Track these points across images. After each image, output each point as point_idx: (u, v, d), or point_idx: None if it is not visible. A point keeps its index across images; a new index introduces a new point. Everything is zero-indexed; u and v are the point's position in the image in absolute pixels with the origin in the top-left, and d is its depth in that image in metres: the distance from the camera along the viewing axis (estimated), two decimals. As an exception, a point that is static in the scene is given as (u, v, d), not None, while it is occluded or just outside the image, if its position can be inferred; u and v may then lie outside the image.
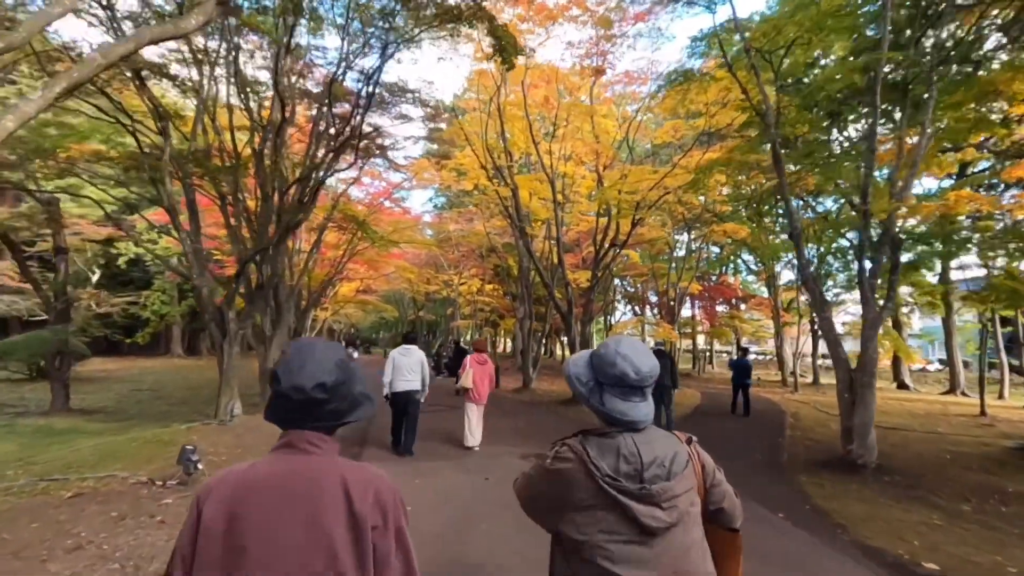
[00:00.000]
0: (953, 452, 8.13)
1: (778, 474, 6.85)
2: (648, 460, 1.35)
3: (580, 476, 1.35)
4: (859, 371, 7.01)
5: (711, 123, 12.92)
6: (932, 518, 5.05)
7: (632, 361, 1.42)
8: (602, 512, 1.32)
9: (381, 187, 24.41)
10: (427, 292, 37.63)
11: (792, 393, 17.73)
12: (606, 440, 1.39)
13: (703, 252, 23.70)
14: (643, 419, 1.42)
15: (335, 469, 1.15)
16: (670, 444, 1.44)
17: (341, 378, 1.18)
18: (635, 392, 1.42)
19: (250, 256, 9.44)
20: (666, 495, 1.33)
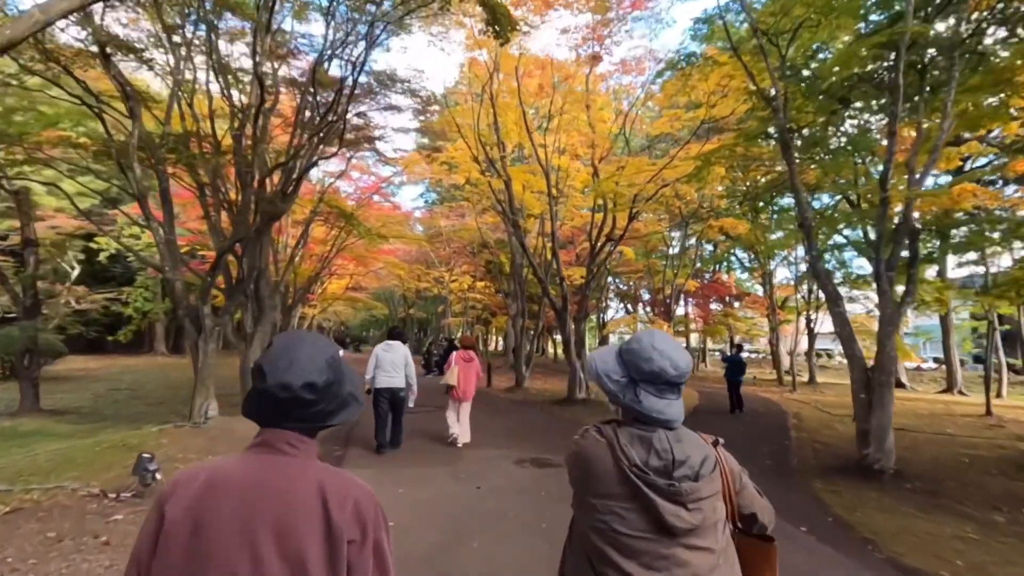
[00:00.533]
0: (969, 455, 7.73)
1: (790, 480, 6.41)
2: (680, 459, 1.29)
3: (606, 462, 1.31)
4: (876, 370, 6.58)
5: (711, 114, 12.48)
6: (966, 531, 4.62)
7: (671, 357, 1.36)
8: (623, 503, 1.27)
9: (370, 182, 23.81)
10: (418, 289, 37.12)
11: (791, 392, 17.38)
12: (640, 432, 1.33)
13: (698, 249, 23.31)
14: (677, 417, 1.36)
15: (313, 474, 1.06)
16: (699, 445, 1.38)
17: (332, 378, 1.10)
18: (671, 389, 1.37)
19: (227, 246, 8.87)
20: (693, 496, 1.26)
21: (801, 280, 22.74)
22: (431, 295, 35.90)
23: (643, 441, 1.31)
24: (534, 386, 17.14)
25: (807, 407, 13.41)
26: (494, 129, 13.77)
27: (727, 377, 12.43)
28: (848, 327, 7.02)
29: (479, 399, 14.22)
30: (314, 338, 1.16)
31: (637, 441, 1.31)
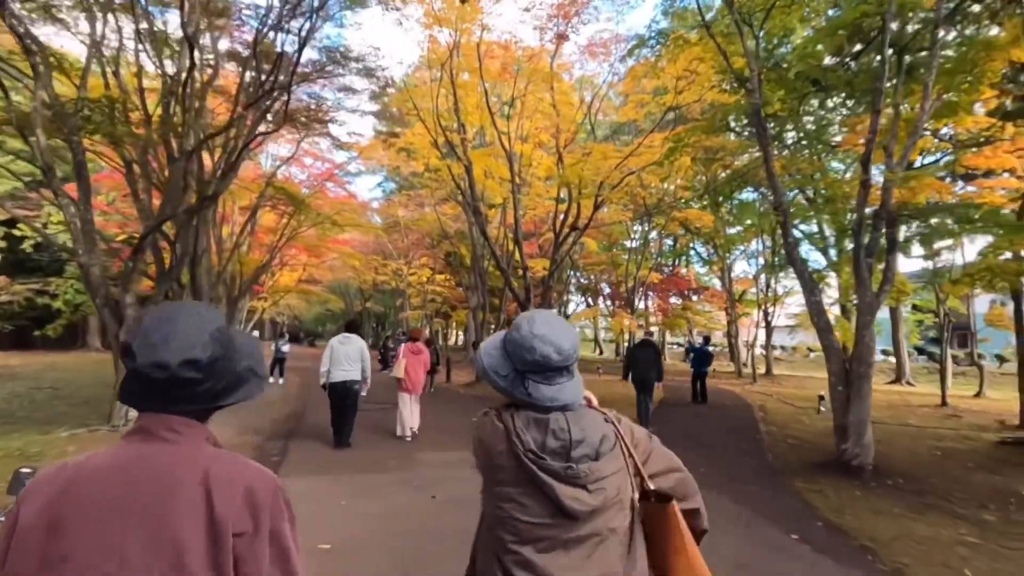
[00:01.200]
0: (941, 448, 7.59)
1: (770, 480, 6.03)
2: (578, 438, 1.21)
3: (502, 449, 1.23)
4: (855, 361, 6.27)
5: (677, 100, 12.12)
6: (963, 534, 4.29)
7: (553, 342, 1.26)
8: (521, 490, 1.20)
9: (325, 169, 22.64)
10: (375, 282, 35.98)
11: (751, 384, 17.38)
12: (536, 415, 1.24)
13: (660, 242, 23.20)
14: (573, 400, 1.27)
15: (198, 462, 0.93)
16: (599, 422, 1.30)
17: (218, 353, 0.97)
18: (561, 373, 1.27)
19: (151, 227, 7.87)
20: (594, 476, 1.19)
21: (760, 273, 22.98)
22: (389, 288, 34.88)
23: (539, 424, 1.24)
24: (495, 381, 16.55)
25: (770, 399, 13.31)
26: (454, 111, 13.04)
27: (693, 368, 12.56)
28: (824, 317, 6.71)
29: (437, 396, 13.60)
30: (195, 308, 1.03)
31: (533, 424, 1.24)
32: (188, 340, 0.95)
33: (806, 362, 31.43)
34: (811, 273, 7.01)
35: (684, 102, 12.12)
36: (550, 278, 13.35)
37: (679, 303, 28.60)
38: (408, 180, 25.14)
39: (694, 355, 12.76)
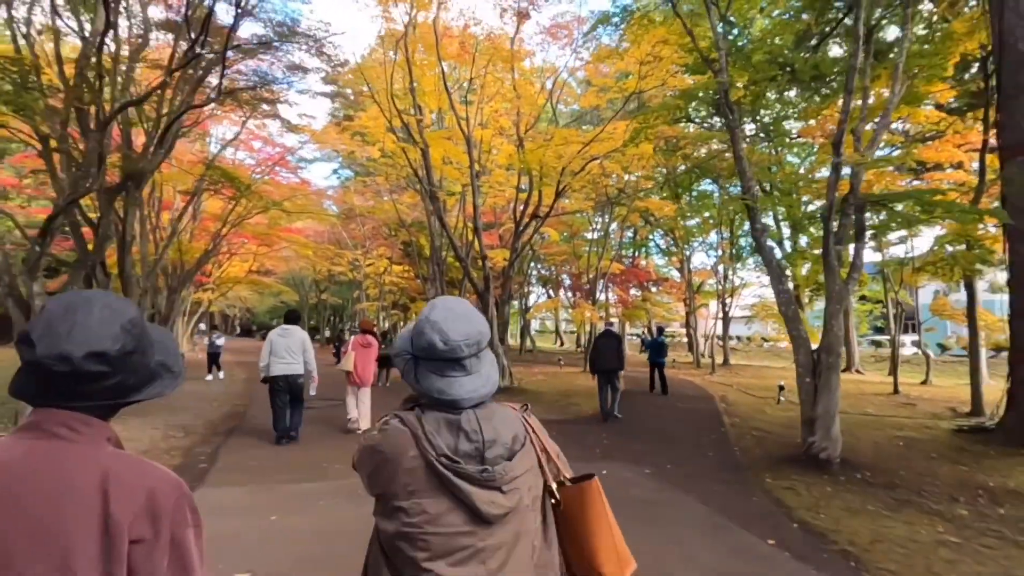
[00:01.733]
0: (903, 438, 7.54)
1: (738, 476, 5.76)
2: (491, 438, 1.15)
3: (412, 455, 1.12)
4: (823, 352, 6.07)
5: (640, 85, 11.81)
6: (941, 532, 4.08)
7: (441, 328, 1.17)
8: (431, 498, 1.10)
9: (275, 154, 21.48)
10: (330, 273, 34.80)
11: (710, 375, 17.43)
12: (447, 415, 1.16)
13: (621, 233, 23.09)
14: (466, 397, 1.17)
15: (96, 463, 0.87)
16: (510, 419, 1.24)
17: (130, 346, 0.91)
18: (452, 366, 1.18)
19: (62, 206, 7.00)
20: (508, 476, 1.14)
21: (718, 264, 23.21)
22: (346, 279, 33.81)
23: (451, 426, 1.15)
24: (454, 374, 16.05)
25: (731, 390, 13.28)
26: (410, 92, 12.38)
27: (650, 360, 12.65)
28: (793, 306, 6.49)
29: (392, 390, 13.01)
30: (106, 298, 0.94)
31: (444, 426, 1.15)
32: (96, 331, 0.89)
33: (761, 352, 32.13)
34: (778, 261, 6.77)
35: (647, 87, 11.83)
36: (510, 268, 12.91)
37: (638, 295, 28.72)
38: (364, 166, 24.15)
39: (649, 348, 12.73)
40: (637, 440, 7.36)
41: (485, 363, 1.24)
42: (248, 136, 20.69)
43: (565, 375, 17.01)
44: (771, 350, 32.04)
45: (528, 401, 5.98)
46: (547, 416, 9.24)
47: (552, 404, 10.58)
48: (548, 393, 12.14)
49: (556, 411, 9.83)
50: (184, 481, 0.94)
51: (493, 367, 1.27)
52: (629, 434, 7.78)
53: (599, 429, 8.15)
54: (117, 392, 0.92)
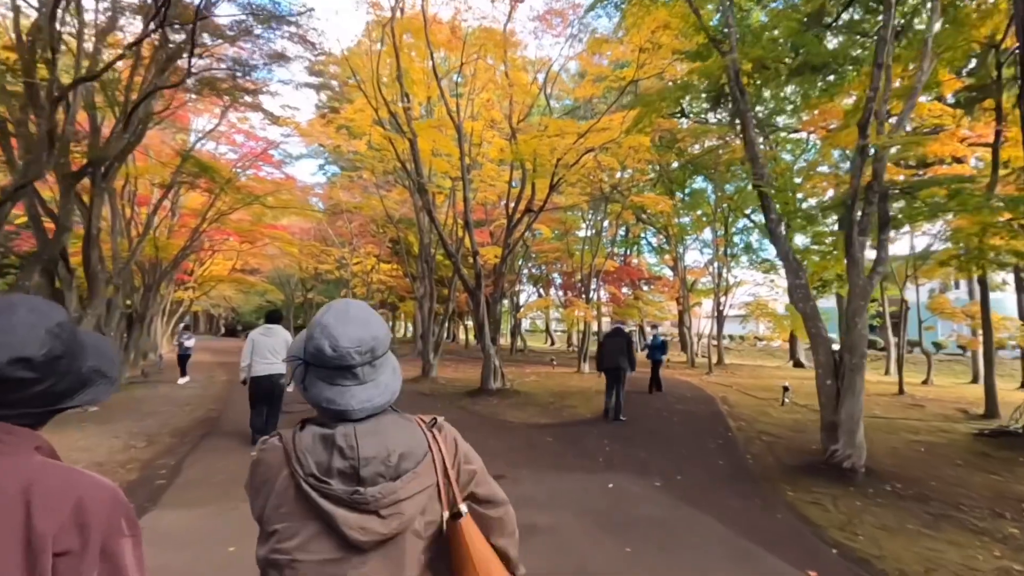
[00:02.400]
0: (921, 443, 7.10)
1: (755, 488, 5.25)
2: (369, 455, 1.01)
3: (282, 475, 1.01)
4: (847, 352, 5.58)
5: (639, 74, 11.31)
6: (998, 556, 3.60)
7: (331, 333, 1.05)
8: (302, 522, 0.99)
9: (259, 148, 20.75)
10: (316, 271, 34.05)
11: (707, 375, 16.99)
12: (322, 430, 1.04)
13: (617, 227, 22.65)
14: (357, 408, 1.05)
15: (19, 472, 0.83)
16: (404, 433, 1.09)
17: (58, 350, 0.88)
18: (342, 373, 1.05)
19: (9, 192, 6.33)
20: (389, 499, 1.00)
21: (712, 261, 22.84)
22: (333, 278, 33.09)
23: (325, 441, 1.02)
24: (444, 375, 15.47)
25: (730, 391, 12.83)
26: (397, 80, 11.77)
27: (649, 358, 12.42)
28: (812, 302, 6.00)
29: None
30: (31, 302, 0.91)
31: (320, 442, 1.03)
32: (20, 336, 0.85)
33: (754, 351, 31.85)
34: (795, 254, 6.29)
35: (645, 75, 11.33)
36: (502, 264, 12.36)
37: (630, 293, 28.32)
38: (350, 161, 23.48)
39: (648, 347, 12.49)
40: (640, 446, 6.84)
41: (383, 371, 1.12)
42: (230, 130, 20.01)
43: (558, 375, 16.49)
44: (764, 349, 31.77)
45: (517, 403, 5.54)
46: (542, 420, 8.72)
47: (546, 406, 10.05)
48: (542, 395, 11.60)
49: (551, 414, 9.30)
50: (120, 489, 0.90)
51: (394, 376, 1.14)
52: (631, 439, 7.26)
53: (598, 433, 7.63)
54: (45, 399, 0.90)
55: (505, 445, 6.79)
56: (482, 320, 11.63)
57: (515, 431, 7.83)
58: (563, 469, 5.66)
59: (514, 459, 6.03)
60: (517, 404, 10.25)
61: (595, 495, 4.81)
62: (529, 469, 5.64)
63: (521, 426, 8.21)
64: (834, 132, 10.92)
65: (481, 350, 11.95)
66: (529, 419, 8.78)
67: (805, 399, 11.21)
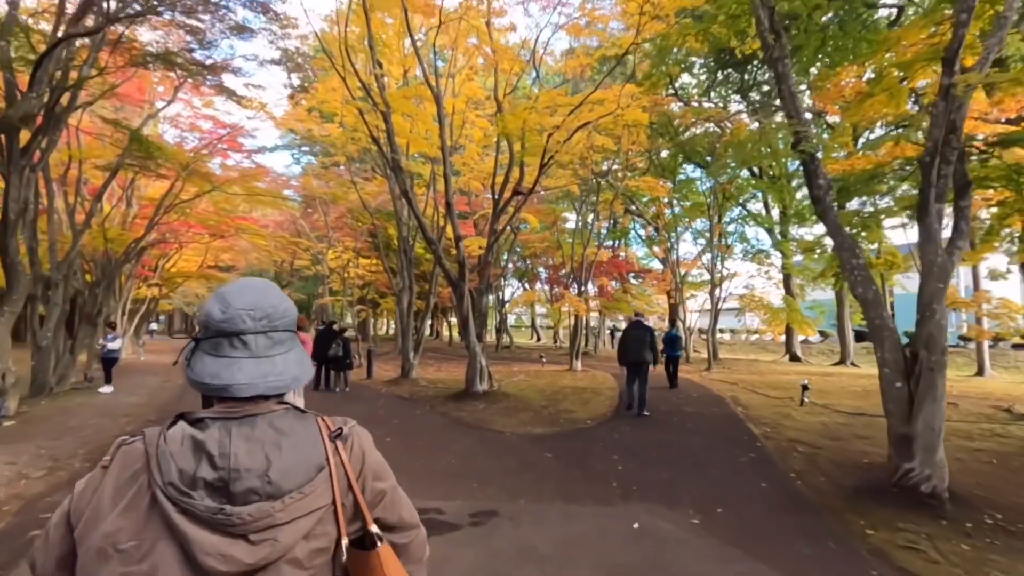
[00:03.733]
0: (983, 451, 6.06)
1: (819, 523, 4.11)
2: (244, 465, 0.83)
3: (138, 484, 0.82)
4: (922, 346, 4.47)
5: (637, 39, 10.15)
6: None
7: (224, 297, 0.92)
8: (153, 543, 0.79)
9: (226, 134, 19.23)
10: (293, 266, 32.55)
11: (706, 371, 15.96)
12: (195, 431, 0.86)
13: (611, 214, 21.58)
14: (244, 383, 0.88)
15: None
16: (296, 441, 0.90)
17: None
18: (231, 341, 0.90)
19: None
20: (263, 521, 0.82)
21: (705, 251, 21.90)
22: (311, 274, 31.60)
23: (195, 445, 0.84)
24: (425, 375, 14.22)
25: (738, 389, 11.77)
26: (368, 44, 10.44)
27: (665, 353, 11.85)
28: (873, 287, 4.87)
29: (350, 397, 11.17)
30: None
31: (189, 445, 0.84)
32: None
33: (746, 345, 31.07)
34: (848, 234, 5.15)
35: (646, 37, 10.16)
36: (488, 253, 11.12)
37: (619, 286, 27.33)
38: (324, 148, 22.04)
39: (664, 340, 11.73)
40: (659, 462, 5.69)
41: (284, 350, 0.95)
42: (195, 116, 18.53)
43: (548, 374, 15.33)
44: (757, 343, 31.01)
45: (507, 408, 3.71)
46: (537, 429, 7.53)
47: (540, 412, 8.86)
48: (533, 397, 10.42)
49: (546, 421, 8.11)
50: None
51: (299, 362, 0.96)
52: (646, 452, 6.11)
53: (605, 445, 6.47)
54: None
55: (497, 464, 5.59)
56: (466, 315, 10.40)
57: (507, 445, 6.62)
58: (571, 499, 4.48)
59: (509, 485, 4.84)
60: (507, 409, 9.05)
61: (617, 541, 3.63)
62: (528, 499, 4.45)
63: (513, 438, 7.01)
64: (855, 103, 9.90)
65: (466, 348, 10.73)
66: (522, 428, 7.58)
67: (821, 397, 10.20)
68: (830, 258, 15.75)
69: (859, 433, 7.12)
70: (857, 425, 7.71)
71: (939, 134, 4.37)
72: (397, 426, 7.75)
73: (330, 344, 11.47)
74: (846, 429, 7.41)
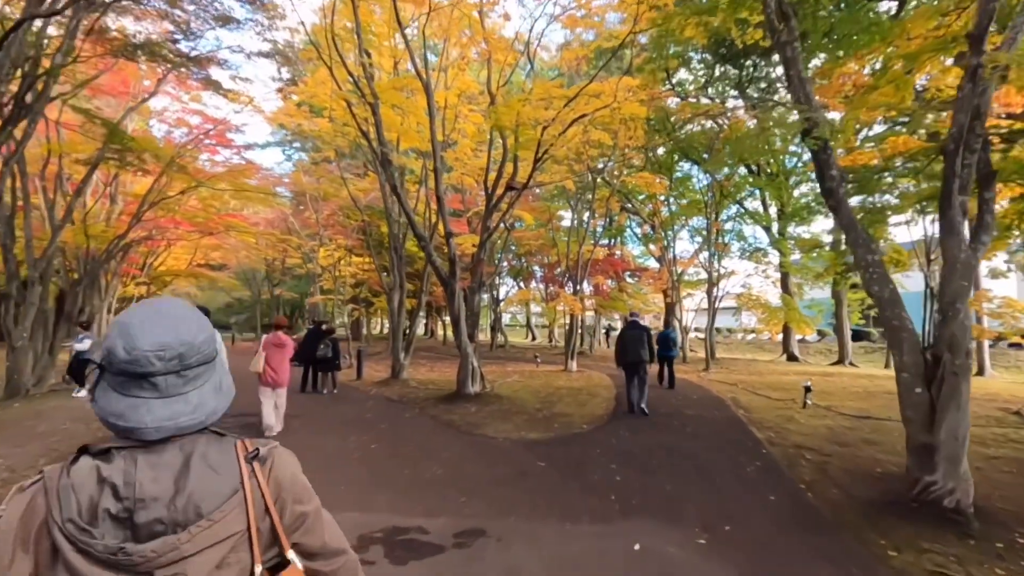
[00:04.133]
0: (1004, 460, 5.74)
1: (837, 543, 3.77)
2: (151, 494, 0.79)
3: (38, 524, 0.78)
4: (945, 348, 4.14)
5: (635, 29, 9.81)
6: None
7: (128, 331, 0.84)
8: None
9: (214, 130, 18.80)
10: (284, 265, 32.14)
11: (704, 372, 15.66)
12: (100, 461, 0.82)
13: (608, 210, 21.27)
14: (153, 427, 0.82)
15: None
16: (208, 465, 0.85)
17: None
18: (138, 382, 0.84)
19: None
20: (165, 557, 0.76)
21: (702, 249, 21.62)
22: (302, 273, 31.15)
23: (100, 475, 0.79)
24: (417, 376, 13.86)
25: (737, 390, 11.46)
26: (355, 33, 10.06)
27: (659, 353, 11.45)
28: (890, 285, 4.54)
29: (338, 398, 10.80)
30: None
31: (94, 476, 0.79)
32: None
33: (743, 345, 30.83)
34: (863, 226, 4.82)
35: (643, 29, 9.82)
36: (481, 250, 10.74)
37: (615, 285, 27.03)
38: (315, 144, 21.63)
39: (658, 340, 11.38)
40: (660, 472, 5.35)
41: (199, 386, 0.88)
42: (184, 111, 18.15)
43: (543, 374, 15.00)
44: (754, 342, 30.77)
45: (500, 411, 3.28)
46: (531, 434, 7.17)
47: (534, 415, 8.51)
48: (528, 399, 10.07)
49: (541, 425, 7.76)
50: None
51: (216, 394, 0.90)
52: (646, 460, 5.77)
53: (603, 452, 6.12)
54: None
55: (486, 475, 5.23)
56: (457, 314, 10.03)
57: (499, 452, 6.27)
58: (566, 516, 4.12)
59: (499, 499, 4.48)
60: (499, 413, 8.69)
61: (616, 565, 3.29)
62: (519, 516, 4.09)
63: (506, 444, 6.65)
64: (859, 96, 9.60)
65: (457, 348, 10.36)
66: (515, 433, 7.23)
67: (823, 399, 9.89)
68: (831, 256, 15.51)
69: (867, 438, 6.80)
70: (864, 429, 7.40)
71: (964, 119, 4.03)
72: (384, 431, 7.38)
73: (318, 344, 11.09)
74: (853, 433, 7.09)
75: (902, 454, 5.72)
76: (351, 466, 5.51)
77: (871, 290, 4.58)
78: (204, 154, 19.36)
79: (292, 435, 7.06)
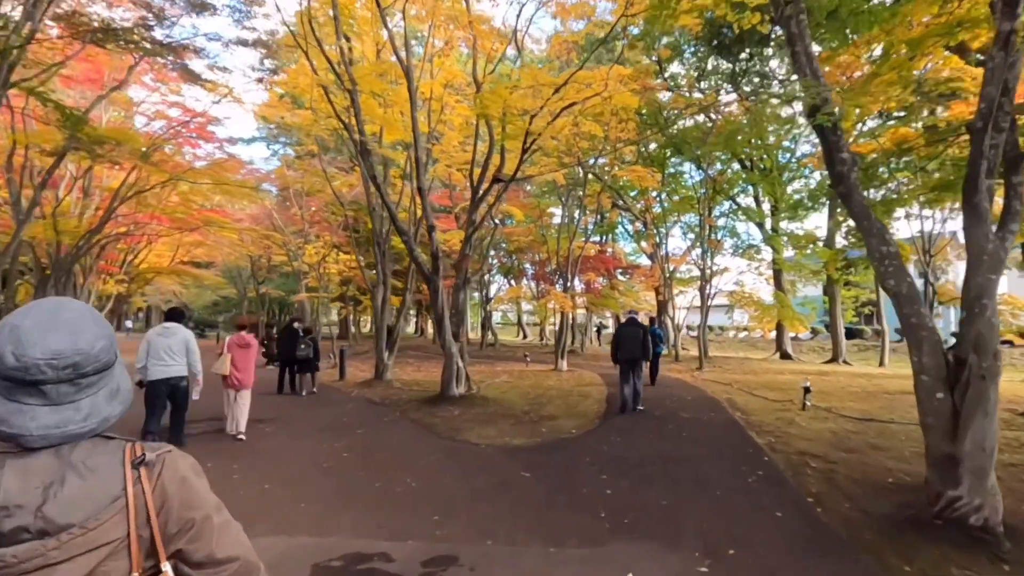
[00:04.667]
0: (1019, 467, 5.35)
1: (851, 565, 3.34)
2: (16, 501, 0.76)
3: None
4: (970, 348, 3.73)
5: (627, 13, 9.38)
6: None
7: (19, 336, 0.81)
8: None
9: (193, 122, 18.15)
10: (270, 263, 31.46)
11: (698, 371, 15.28)
12: None
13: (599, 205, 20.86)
14: (38, 434, 0.80)
15: None
16: (89, 470, 0.82)
17: None
18: (27, 390, 0.81)
19: None
20: (30, 563, 0.75)
21: (695, 245, 21.28)
22: (289, 270, 30.51)
23: None
24: (402, 376, 13.39)
25: (733, 391, 11.07)
26: (332, 15, 9.54)
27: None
28: (908, 281, 4.13)
29: (317, 399, 10.31)
30: None
31: None
32: None
33: (735, 343, 30.56)
34: (876, 217, 4.41)
35: (635, 12, 9.38)
36: (467, 245, 10.27)
37: (606, 282, 26.66)
38: (299, 137, 21.05)
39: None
40: (654, 482, 4.92)
41: (92, 394, 0.85)
42: (164, 103, 17.50)
43: (533, 374, 14.56)
44: (747, 340, 30.51)
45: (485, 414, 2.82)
46: (515, 440, 6.72)
47: (521, 419, 8.06)
48: (515, 401, 9.63)
49: (527, 430, 7.31)
50: None
51: (109, 400, 0.87)
52: (639, 469, 5.33)
53: (592, 460, 5.68)
54: None
55: (465, 488, 4.77)
56: (441, 312, 9.56)
57: (480, 460, 5.81)
58: (550, 538, 3.67)
59: (477, 517, 4.03)
60: (484, 416, 8.23)
61: (608, 600, 2.84)
62: (497, 539, 3.64)
63: (488, 451, 6.19)
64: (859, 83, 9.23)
65: (441, 347, 9.90)
66: (499, 438, 6.77)
67: (822, 399, 9.52)
68: (828, 253, 15.19)
69: (873, 443, 6.41)
70: (868, 432, 7.01)
71: (995, 92, 3.62)
72: (359, 436, 6.90)
73: (296, 344, 10.60)
74: (858, 438, 6.70)
75: (912, 461, 5.36)
76: (317, 478, 5.03)
77: (886, 284, 4.16)
78: (185, 147, 18.76)
79: (260, 441, 6.58)
